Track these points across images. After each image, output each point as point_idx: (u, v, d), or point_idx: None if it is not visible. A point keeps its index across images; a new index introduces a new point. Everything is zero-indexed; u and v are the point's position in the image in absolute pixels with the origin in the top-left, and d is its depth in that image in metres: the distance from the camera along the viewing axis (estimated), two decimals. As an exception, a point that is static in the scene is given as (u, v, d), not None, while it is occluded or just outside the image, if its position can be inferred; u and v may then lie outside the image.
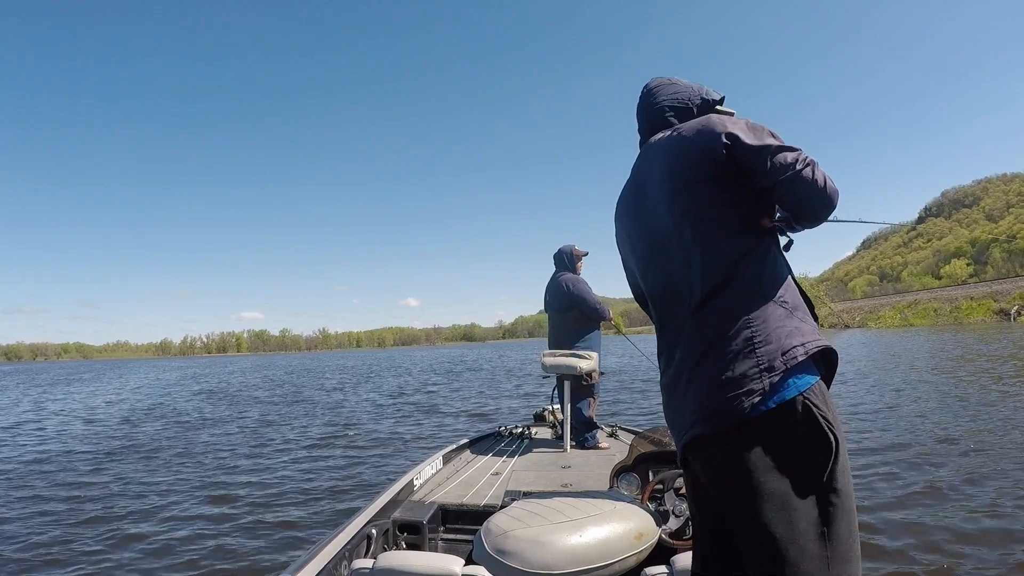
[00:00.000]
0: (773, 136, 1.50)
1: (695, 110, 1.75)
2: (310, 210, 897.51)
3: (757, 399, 1.34)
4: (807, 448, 1.34)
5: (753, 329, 1.41)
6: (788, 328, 1.42)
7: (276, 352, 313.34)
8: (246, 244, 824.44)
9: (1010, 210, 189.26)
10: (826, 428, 1.35)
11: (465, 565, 1.83)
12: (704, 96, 1.77)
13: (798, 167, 1.45)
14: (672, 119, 1.74)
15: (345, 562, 2.41)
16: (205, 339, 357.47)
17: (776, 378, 1.35)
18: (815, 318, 1.54)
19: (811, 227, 1.63)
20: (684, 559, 1.91)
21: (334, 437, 9.62)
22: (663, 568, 1.95)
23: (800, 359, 1.38)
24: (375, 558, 1.92)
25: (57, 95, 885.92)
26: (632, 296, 1.92)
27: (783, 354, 1.37)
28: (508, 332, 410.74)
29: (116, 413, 15.27)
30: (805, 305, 1.53)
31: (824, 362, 1.47)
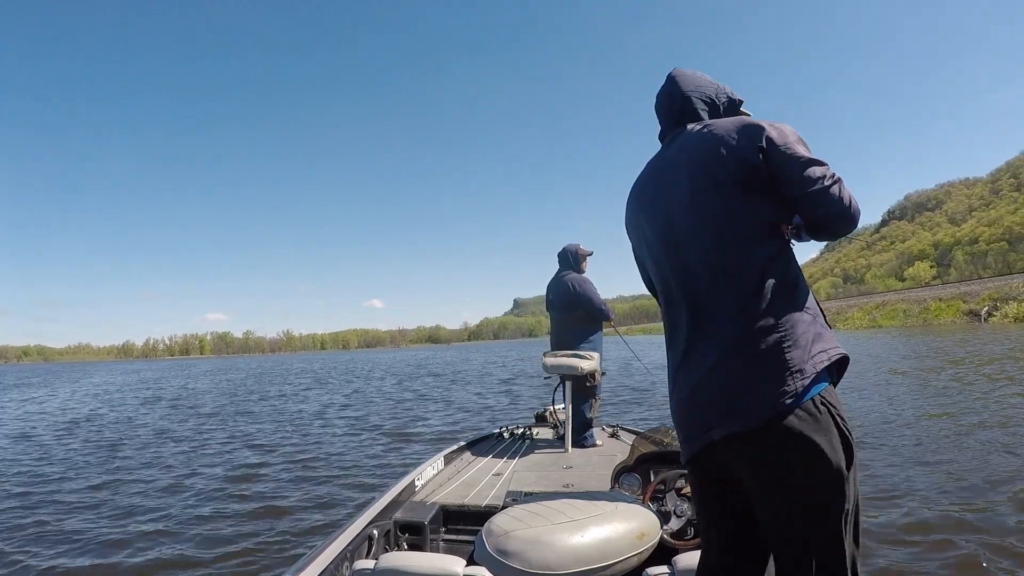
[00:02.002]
0: (806, 147, 1.51)
1: (722, 108, 1.74)
2: (275, 211, 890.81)
3: (790, 400, 1.38)
4: (835, 441, 1.40)
5: (783, 332, 1.43)
6: (812, 334, 1.46)
7: (239, 354, 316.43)
8: (211, 245, 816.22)
9: (972, 214, 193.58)
10: (843, 427, 1.42)
11: (467, 566, 1.90)
12: (730, 96, 1.77)
13: (826, 183, 1.46)
14: (702, 112, 1.72)
15: (347, 563, 2.44)
16: (168, 341, 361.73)
17: (807, 381, 1.40)
18: (827, 323, 1.57)
19: (824, 240, 1.65)
20: (686, 559, 2.00)
21: (305, 449, 8.96)
22: (665, 568, 2.04)
23: (825, 364, 1.44)
24: (377, 559, 2.00)
25: (24, 93, 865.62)
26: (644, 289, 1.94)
27: (811, 358, 1.42)
28: (473, 334, 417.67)
29: (55, 424, 13.78)
30: (821, 311, 1.56)
31: (837, 367, 1.52)
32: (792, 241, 1.63)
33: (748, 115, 1.70)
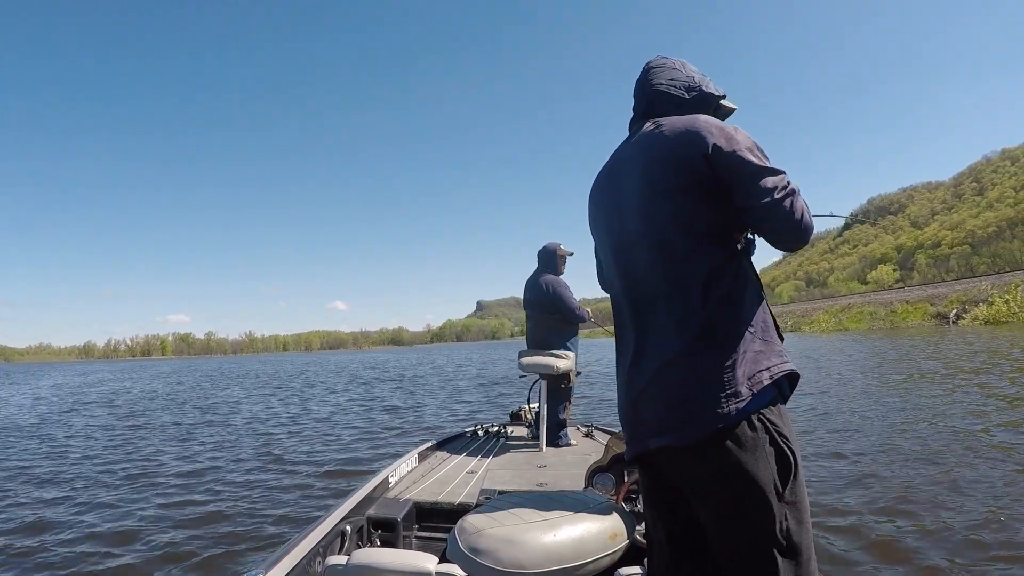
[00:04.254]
0: (759, 154, 1.43)
1: (690, 104, 1.62)
2: (239, 212, 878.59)
3: (721, 423, 1.35)
4: (767, 462, 1.36)
5: (723, 348, 1.39)
6: (754, 350, 1.41)
7: (201, 356, 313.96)
8: (174, 245, 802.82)
9: (935, 217, 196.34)
10: (783, 444, 1.38)
11: (439, 563, 1.93)
12: (705, 89, 1.65)
13: (777, 196, 1.39)
14: (667, 106, 1.62)
15: (319, 559, 2.45)
16: (129, 342, 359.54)
17: (742, 403, 1.35)
18: (780, 336, 1.51)
19: (779, 250, 1.58)
20: None
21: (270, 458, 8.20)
22: (636, 569, 2.09)
23: (765, 383, 1.38)
24: (349, 555, 2.02)
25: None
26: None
27: (749, 379, 1.37)
28: (436, 336, 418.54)
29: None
30: (773, 323, 1.50)
31: (788, 380, 1.47)
32: (752, 242, 1.56)
33: (734, 109, 1.67)
